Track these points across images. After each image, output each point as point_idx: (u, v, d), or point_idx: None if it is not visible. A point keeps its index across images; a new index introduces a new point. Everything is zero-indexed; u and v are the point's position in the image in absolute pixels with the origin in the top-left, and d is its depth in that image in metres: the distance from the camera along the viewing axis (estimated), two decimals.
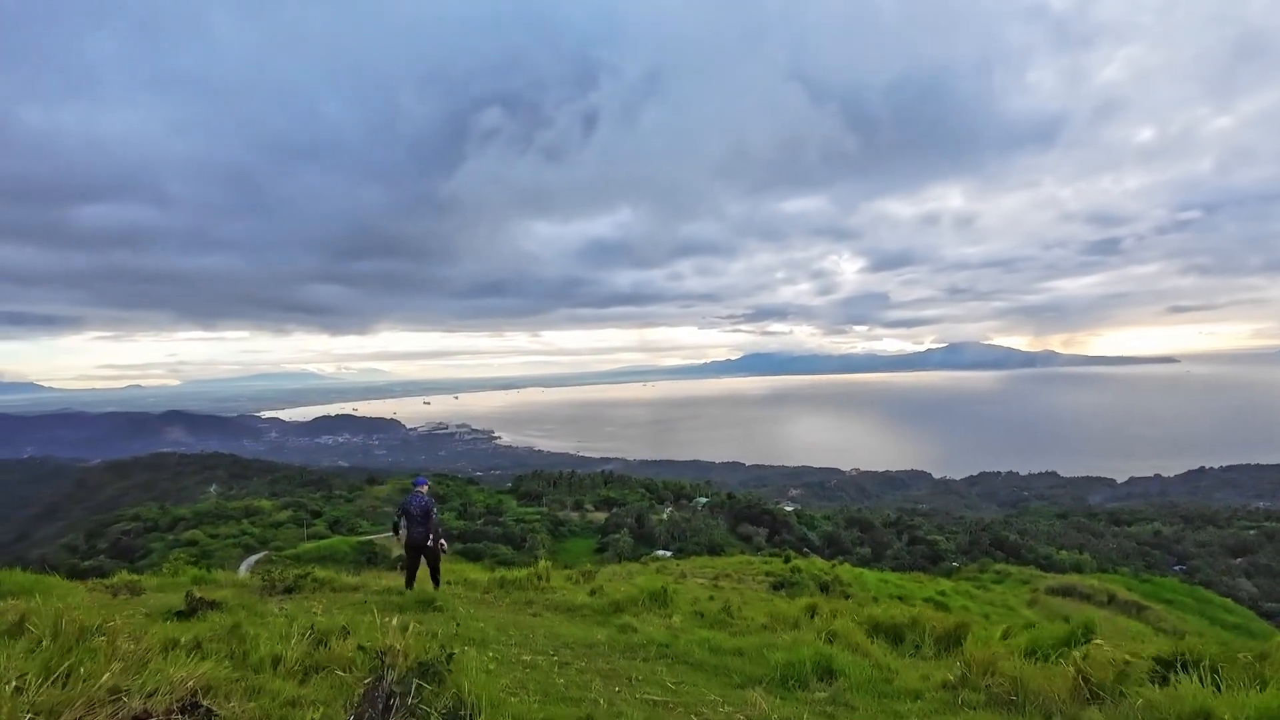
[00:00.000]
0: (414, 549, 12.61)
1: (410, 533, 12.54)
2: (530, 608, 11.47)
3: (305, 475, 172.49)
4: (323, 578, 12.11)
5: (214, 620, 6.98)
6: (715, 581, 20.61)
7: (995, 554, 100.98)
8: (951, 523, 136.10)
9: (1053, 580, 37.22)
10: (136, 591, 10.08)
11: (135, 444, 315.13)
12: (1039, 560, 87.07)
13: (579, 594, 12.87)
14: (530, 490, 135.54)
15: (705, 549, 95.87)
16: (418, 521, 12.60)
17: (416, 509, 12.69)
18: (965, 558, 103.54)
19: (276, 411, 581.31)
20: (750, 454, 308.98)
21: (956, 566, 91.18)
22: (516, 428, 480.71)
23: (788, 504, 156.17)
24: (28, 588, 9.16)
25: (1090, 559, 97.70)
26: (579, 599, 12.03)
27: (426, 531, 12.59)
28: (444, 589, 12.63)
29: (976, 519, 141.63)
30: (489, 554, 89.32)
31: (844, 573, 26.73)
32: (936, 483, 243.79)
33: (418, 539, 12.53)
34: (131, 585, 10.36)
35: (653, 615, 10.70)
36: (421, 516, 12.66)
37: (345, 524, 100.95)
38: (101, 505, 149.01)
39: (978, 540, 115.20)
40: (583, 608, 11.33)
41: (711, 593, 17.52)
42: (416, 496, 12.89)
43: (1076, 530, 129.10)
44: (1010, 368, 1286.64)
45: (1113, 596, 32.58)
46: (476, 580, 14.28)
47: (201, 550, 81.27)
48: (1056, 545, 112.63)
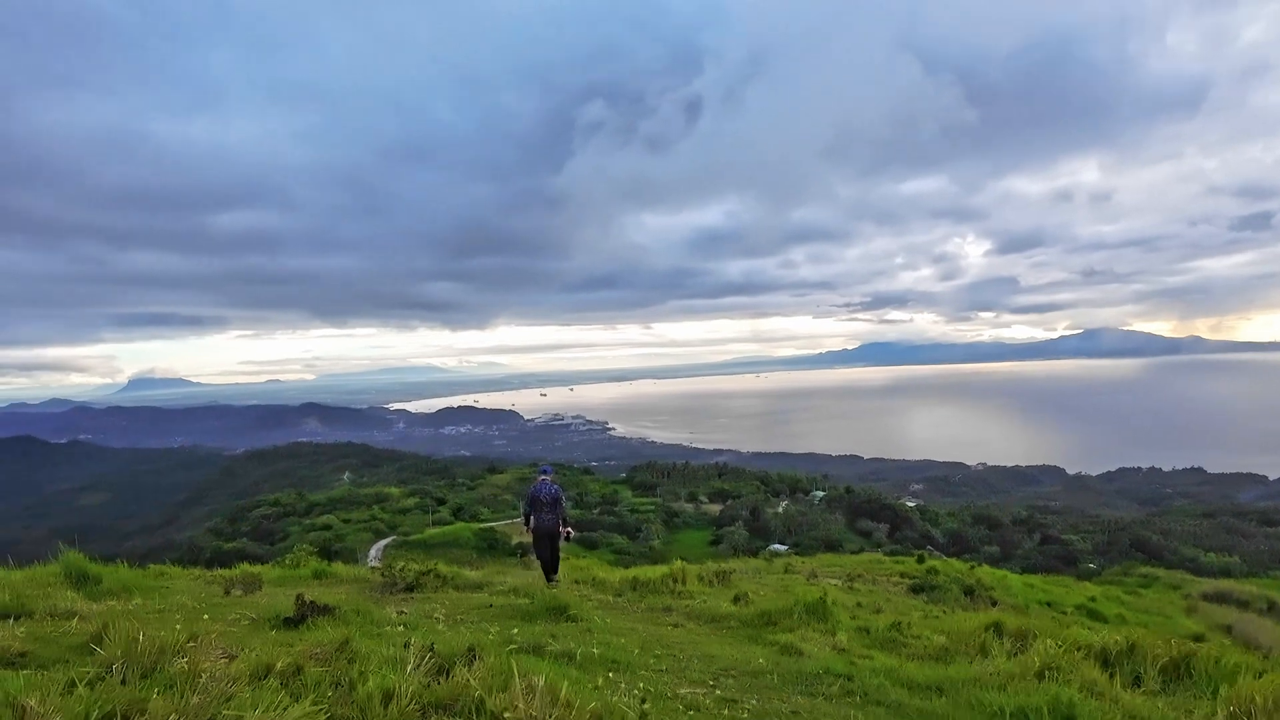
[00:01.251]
0: (544, 536, 12.66)
1: (540, 519, 12.58)
2: (669, 615, 10.39)
3: (430, 464, 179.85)
4: (446, 574, 11.63)
5: (322, 632, 6.11)
6: (850, 584, 19.43)
7: (1135, 556, 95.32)
8: (1086, 522, 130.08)
9: (1206, 585, 33.97)
10: (252, 587, 9.63)
11: (275, 434, 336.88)
12: (1184, 563, 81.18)
13: (720, 600, 11.74)
14: (644, 481, 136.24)
15: (822, 544, 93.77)
16: (547, 508, 12.63)
17: (546, 496, 12.70)
18: (1102, 559, 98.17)
19: (403, 403, 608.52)
20: (868, 447, 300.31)
21: (1092, 568, 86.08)
22: (629, 419, 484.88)
23: (909, 499, 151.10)
24: (130, 585, 8.70)
25: (1239, 561, 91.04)
26: (722, 607, 10.88)
27: (556, 518, 12.63)
28: (572, 589, 11.92)
29: (1114, 518, 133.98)
30: (604, 543, 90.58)
31: (984, 575, 24.91)
32: (1070, 479, 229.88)
33: (549, 526, 12.58)
34: (248, 579, 9.93)
35: (812, 632, 9.38)
36: (551, 503, 12.68)
37: (467, 511, 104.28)
38: (244, 491, 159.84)
39: (1115, 541, 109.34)
40: (728, 618, 10.19)
41: (858, 599, 16.48)
42: (544, 484, 12.85)
43: (1224, 531, 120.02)
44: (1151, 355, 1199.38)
45: (1273, 604, 29.46)
46: (607, 580, 13.08)
47: (334, 534, 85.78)
48: (1202, 547, 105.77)
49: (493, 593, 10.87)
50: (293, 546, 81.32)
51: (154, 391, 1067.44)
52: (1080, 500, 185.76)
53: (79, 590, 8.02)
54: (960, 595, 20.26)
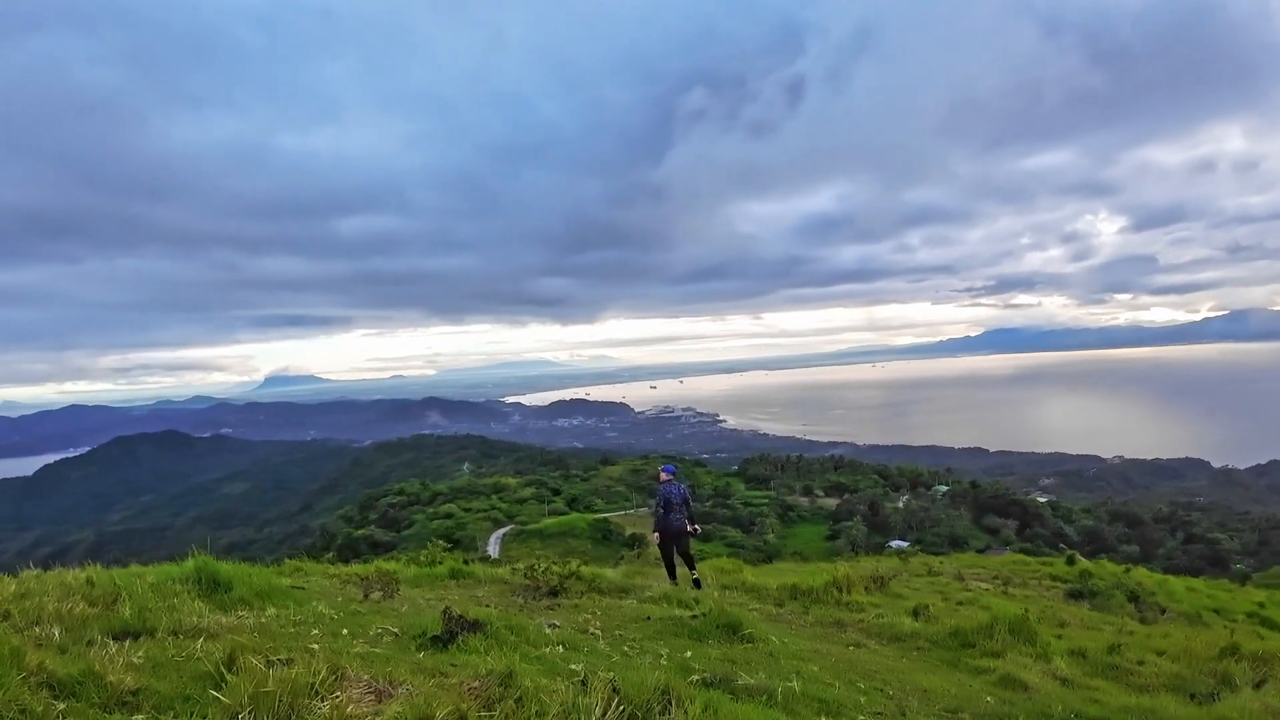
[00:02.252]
0: (674, 536, 12.44)
1: (670, 520, 12.37)
2: (844, 633, 9.32)
3: (545, 455, 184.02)
4: (588, 576, 11.10)
5: (476, 655, 5.48)
6: (1004, 588, 18.08)
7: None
8: (1235, 519, 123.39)
9: None
10: (390, 590, 9.14)
11: (399, 427, 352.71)
12: None
13: (896, 614, 10.55)
14: (757, 474, 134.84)
15: (946, 541, 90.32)
16: (677, 510, 12.42)
17: (677, 497, 12.48)
18: (1254, 560, 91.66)
19: (518, 397, 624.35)
20: (994, 439, 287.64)
21: (1243, 569, 79.34)
22: (740, 410, 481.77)
23: (1039, 494, 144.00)
24: (264, 592, 7.93)
25: None
26: (904, 623, 9.67)
27: (684, 517, 12.46)
28: (724, 595, 11.26)
29: (1266, 515, 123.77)
30: (718, 536, 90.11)
31: (1143, 578, 22.82)
32: (1216, 472, 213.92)
33: (678, 526, 12.39)
34: (386, 580, 9.45)
35: (1021, 656, 8.09)
36: (681, 504, 12.49)
37: (582, 501, 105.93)
38: (372, 480, 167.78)
39: (1268, 540, 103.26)
40: (914, 637, 9.01)
41: (1023, 605, 15.36)
42: (672, 485, 12.64)
43: None
44: None
45: None
46: (761, 586, 12.21)
47: (456, 523, 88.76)
48: None
49: (642, 599, 10.30)
50: (417, 534, 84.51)
51: (288, 388, 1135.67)
52: (1228, 496, 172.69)
53: (209, 599, 7.43)
54: (1125, 602, 18.58)
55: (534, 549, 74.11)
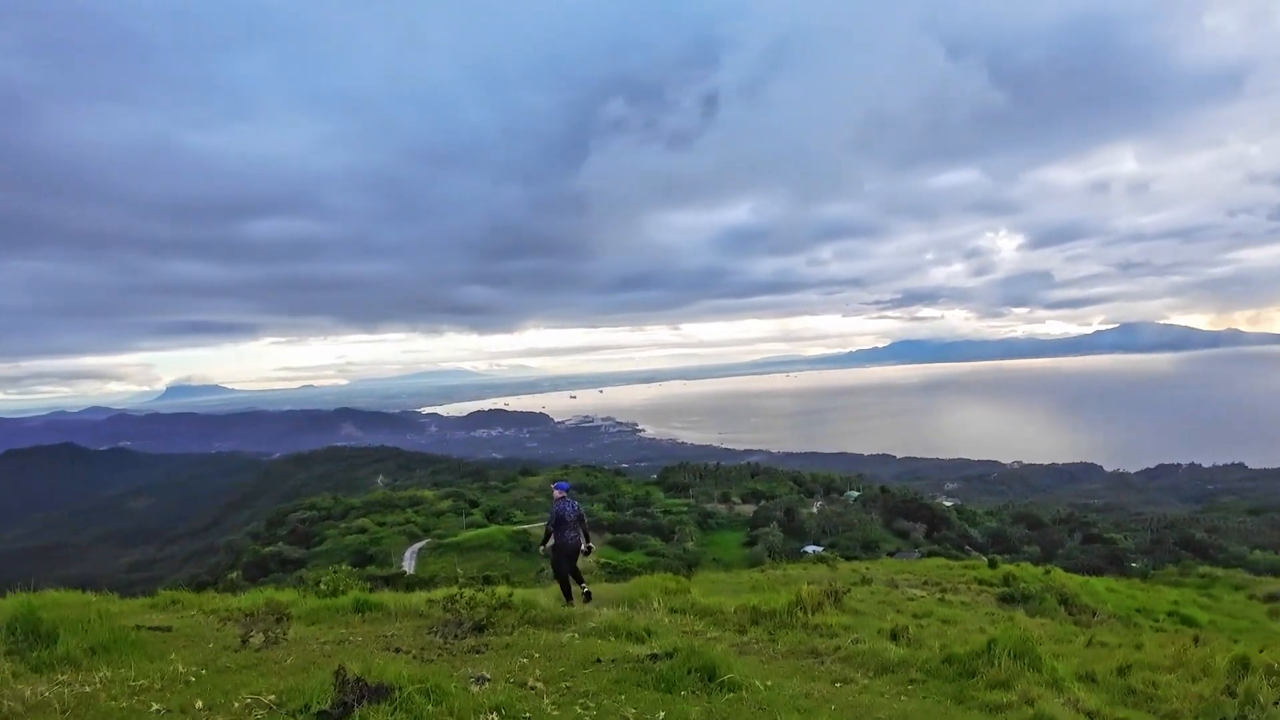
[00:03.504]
0: (568, 555, 12.08)
1: (563, 538, 12.00)
2: (822, 664, 8.14)
3: (464, 467, 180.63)
4: (519, 605, 9.68)
5: None
6: (942, 594, 18.22)
7: (1182, 554, 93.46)
8: (1129, 519, 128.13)
9: (1271, 585, 32.48)
10: (277, 631, 7.45)
11: (311, 439, 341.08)
12: (1233, 561, 79.05)
13: (875, 638, 9.47)
14: (677, 482, 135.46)
15: (859, 545, 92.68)
16: (571, 527, 12.07)
17: (571, 514, 12.10)
18: (1148, 558, 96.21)
19: (436, 407, 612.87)
20: (902, 446, 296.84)
21: (1136, 566, 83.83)
22: (660, 420, 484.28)
23: (945, 498, 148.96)
24: (105, 645, 6.19)
25: None
26: (886, 649, 8.59)
27: (579, 535, 12.11)
28: (676, 621, 10.22)
29: (1159, 515, 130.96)
30: (639, 545, 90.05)
31: (1063, 579, 23.39)
32: (1110, 476, 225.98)
33: (571, 544, 12.03)
34: (275, 614, 7.89)
35: (1031, 685, 7.16)
36: (575, 521, 12.13)
37: (501, 513, 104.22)
38: (284, 495, 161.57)
39: (1161, 539, 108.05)
40: (903, 665, 7.98)
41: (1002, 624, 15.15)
42: (567, 502, 12.20)
43: (1272, 528, 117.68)
44: (1190, 349, 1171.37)
45: None
46: (718, 610, 10.87)
47: (370, 538, 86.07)
48: (1250, 544, 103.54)
49: (585, 632, 8.83)
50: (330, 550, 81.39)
51: (191, 399, 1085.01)
52: (1122, 498, 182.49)
53: (24, 656, 5.74)
54: (1056, 605, 19.01)
55: (452, 562, 72.40)
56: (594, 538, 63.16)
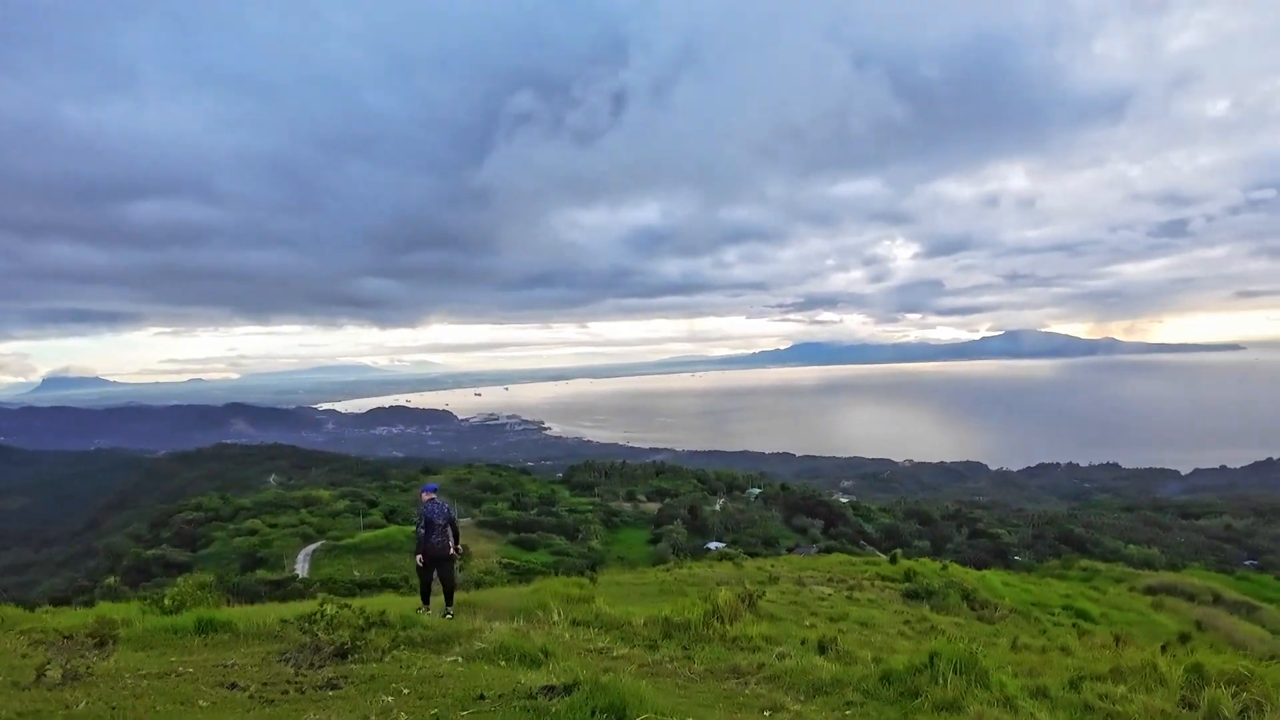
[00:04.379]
0: (435, 560, 11.75)
1: (430, 542, 11.64)
2: (746, 686, 7.10)
3: (362, 465, 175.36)
4: (396, 621, 8.29)
5: None
6: (850, 592, 18.29)
7: (1062, 548, 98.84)
8: (1012, 515, 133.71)
9: (1149, 578, 34.76)
10: (74, 673, 6.00)
11: (199, 436, 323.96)
12: (1108, 555, 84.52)
13: (801, 651, 8.50)
14: (583, 481, 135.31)
15: (760, 541, 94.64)
16: (439, 530, 11.70)
17: (439, 517, 11.73)
18: (1030, 552, 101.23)
19: (333, 403, 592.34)
20: (801, 445, 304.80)
21: (1020, 560, 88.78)
22: (567, 418, 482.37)
23: (841, 495, 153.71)
24: None
25: (1160, 554, 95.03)
26: (817, 666, 7.54)
27: (446, 540, 11.76)
28: (578, 637, 9.19)
29: (1039, 512, 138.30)
30: (543, 544, 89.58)
31: (960, 574, 23.69)
32: (994, 474, 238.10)
33: (439, 548, 11.68)
34: (95, 639, 6.81)
35: (984, 706, 6.37)
36: (444, 525, 11.77)
37: (401, 513, 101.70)
38: (169, 495, 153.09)
39: (1042, 534, 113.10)
40: (836, 685, 6.99)
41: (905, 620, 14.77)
42: (434, 504, 11.84)
43: (1144, 524, 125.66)
44: (1070, 356, 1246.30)
45: (1218, 596, 30.32)
46: (626, 622, 9.82)
47: (261, 540, 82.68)
48: (1124, 539, 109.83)
49: (471, 654, 7.53)
50: (218, 553, 77.87)
51: (70, 391, 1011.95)
52: (1005, 495, 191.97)
53: None
54: (959, 601, 19.26)
55: (348, 565, 70.40)
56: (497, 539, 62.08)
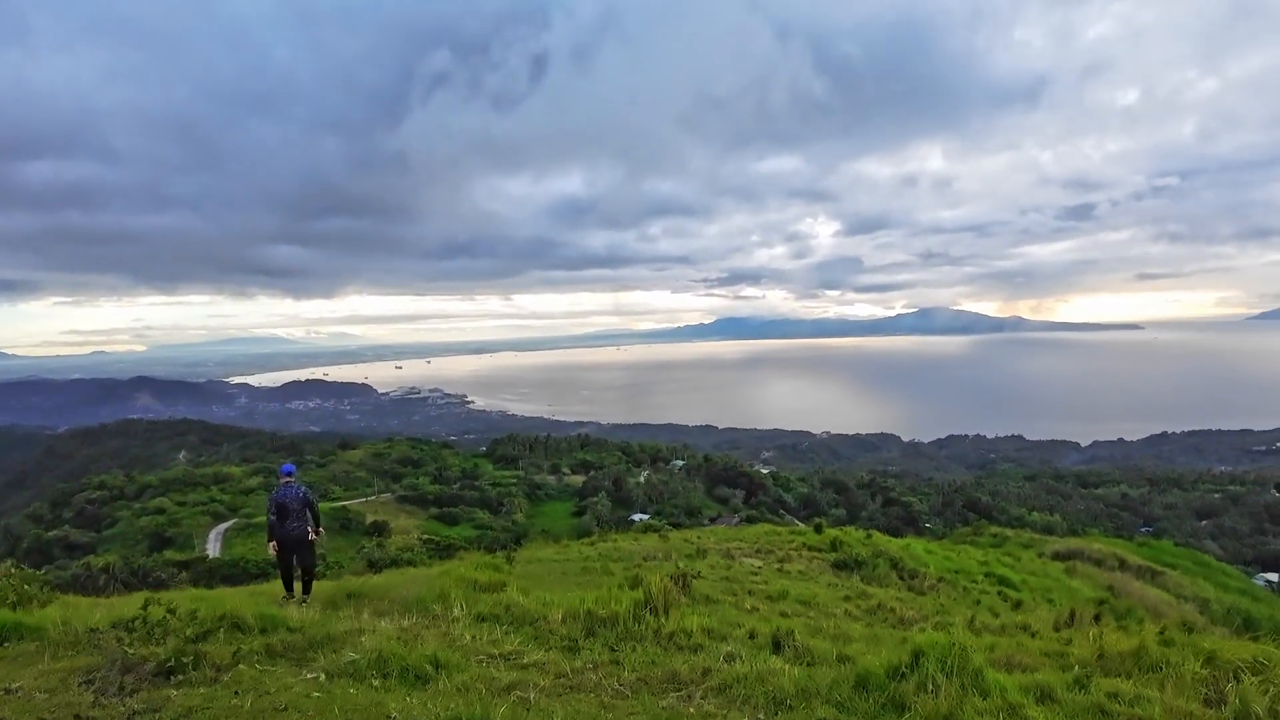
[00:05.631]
0: (292, 545, 11.12)
1: (285, 528, 11.05)
2: (688, 699, 5.61)
3: (276, 441, 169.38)
4: (253, 624, 6.91)
5: None
6: (781, 565, 17.87)
7: (969, 515, 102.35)
8: (923, 485, 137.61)
9: (1056, 544, 36.02)
10: None
11: (103, 410, 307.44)
12: (1012, 521, 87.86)
13: (752, 647, 7.03)
14: (506, 454, 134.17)
15: (683, 512, 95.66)
16: (296, 515, 11.13)
17: (294, 501, 11.15)
18: (939, 519, 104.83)
19: (246, 377, 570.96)
20: (724, 417, 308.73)
21: (930, 527, 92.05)
22: (490, 392, 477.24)
23: (762, 466, 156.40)
24: None
25: (1061, 520, 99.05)
26: (775, 670, 6.07)
27: (305, 524, 11.19)
28: (482, 635, 7.19)
29: (948, 481, 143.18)
30: (466, 518, 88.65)
31: (884, 543, 23.57)
32: (906, 445, 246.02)
33: (295, 534, 11.09)
34: None
35: (982, 716, 5.04)
36: (300, 509, 11.21)
37: (318, 489, 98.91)
38: (71, 473, 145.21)
39: (951, 502, 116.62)
40: (803, 695, 5.55)
41: (845, 595, 14.21)
42: (291, 487, 11.27)
43: (1046, 492, 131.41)
44: (979, 333, 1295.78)
45: (1123, 561, 31.62)
46: (541, 616, 7.89)
47: (169, 519, 79.30)
48: (1027, 507, 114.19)
49: (336, 670, 5.84)
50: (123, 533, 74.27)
51: None
52: (916, 465, 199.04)
53: None
54: (889, 571, 19.13)
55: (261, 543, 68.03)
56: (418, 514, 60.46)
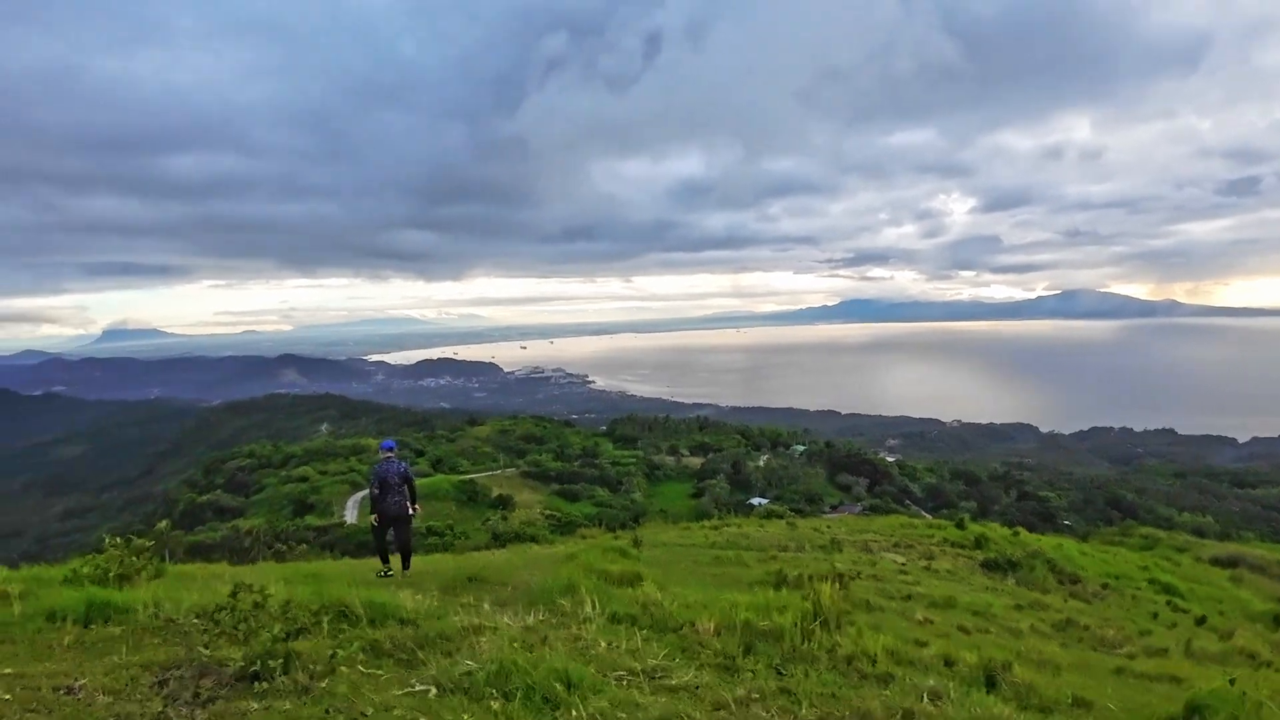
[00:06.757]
0: (390, 520, 11.34)
1: (386, 502, 11.25)
2: None
3: (409, 416, 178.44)
4: (360, 614, 6.01)
5: None
6: (927, 563, 16.42)
7: (1111, 513, 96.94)
8: (1060, 479, 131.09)
9: (1214, 548, 32.88)
10: None
11: (252, 386, 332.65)
12: (1159, 522, 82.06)
13: (949, 676, 5.95)
14: (625, 434, 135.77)
15: (804, 498, 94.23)
16: (395, 489, 11.35)
17: (395, 476, 11.40)
18: (1078, 516, 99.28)
19: (382, 355, 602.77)
20: (846, 402, 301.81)
21: (1068, 524, 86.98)
22: (610, 372, 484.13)
23: (886, 454, 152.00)
24: None
25: (1213, 522, 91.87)
26: None
27: (403, 499, 11.41)
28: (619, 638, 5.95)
29: (1088, 476, 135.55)
30: (586, 495, 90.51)
31: (1032, 540, 21.25)
32: (1043, 437, 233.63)
33: (395, 508, 11.31)
34: None
35: None
36: (400, 484, 11.44)
37: (447, 463, 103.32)
38: (221, 443, 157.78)
39: (1092, 498, 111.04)
40: None
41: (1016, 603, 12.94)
42: (391, 462, 11.53)
43: (1197, 491, 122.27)
44: (1128, 317, 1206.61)
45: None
46: (693, 624, 6.30)
47: (310, 486, 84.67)
48: (1176, 506, 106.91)
49: (449, 683, 4.71)
50: (269, 499, 79.92)
51: (128, 343, 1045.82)
52: (1054, 458, 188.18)
53: None
54: (1047, 574, 17.25)
55: None
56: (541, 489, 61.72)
